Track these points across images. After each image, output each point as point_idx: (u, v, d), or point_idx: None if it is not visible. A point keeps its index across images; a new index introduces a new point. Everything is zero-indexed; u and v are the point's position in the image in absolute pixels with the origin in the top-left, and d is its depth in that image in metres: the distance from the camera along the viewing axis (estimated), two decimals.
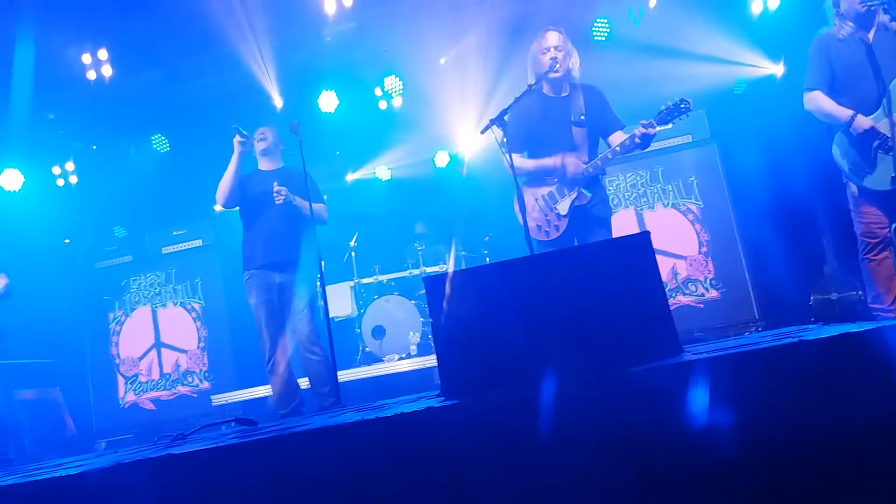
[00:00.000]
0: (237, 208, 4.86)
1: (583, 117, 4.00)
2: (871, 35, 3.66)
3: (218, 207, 5.21)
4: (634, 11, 6.29)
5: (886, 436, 1.91)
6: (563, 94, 4.08)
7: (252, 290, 4.68)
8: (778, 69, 6.39)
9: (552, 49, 3.97)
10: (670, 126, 3.89)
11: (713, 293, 6.11)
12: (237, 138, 4.67)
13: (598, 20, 6.56)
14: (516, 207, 3.87)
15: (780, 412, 1.99)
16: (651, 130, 3.76)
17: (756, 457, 1.94)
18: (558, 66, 3.96)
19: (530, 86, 3.95)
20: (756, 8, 6.14)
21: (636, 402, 2.07)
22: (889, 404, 1.94)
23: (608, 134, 4.08)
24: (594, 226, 3.98)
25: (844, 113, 3.59)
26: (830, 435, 1.93)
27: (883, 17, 3.61)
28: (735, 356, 2.11)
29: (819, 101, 3.71)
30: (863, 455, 1.91)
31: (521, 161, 4.05)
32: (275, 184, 4.62)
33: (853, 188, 3.68)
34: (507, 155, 3.77)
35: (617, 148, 3.88)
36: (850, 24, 3.67)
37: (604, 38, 6.60)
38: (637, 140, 3.80)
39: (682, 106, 3.76)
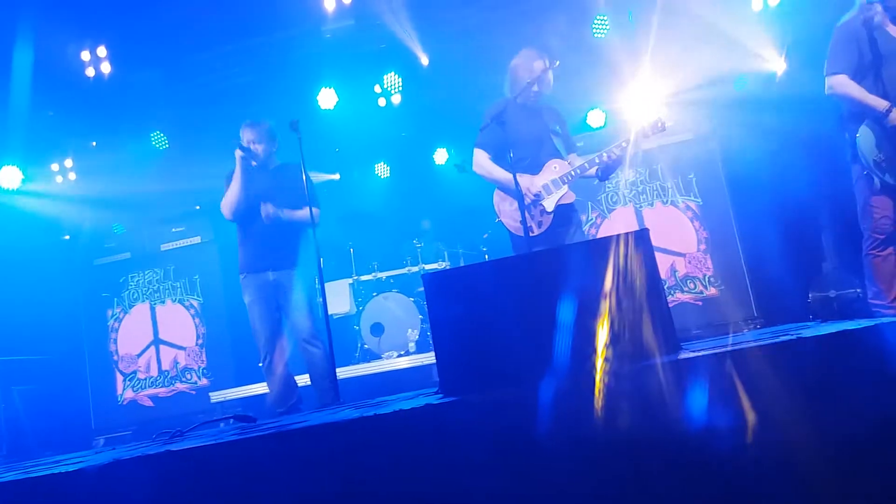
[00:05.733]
0: None
1: (558, 128, 4.34)
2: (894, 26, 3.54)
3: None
4: (633, 9, 6.30)
5: (884, 432, 1.91)
6: (537, 106, 4.37)
7: (247, 289, 4.68)
8: (779, 66, 6.38)
9: (540, 81, 4.21)
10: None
11: (712, 290, 6.11)
12: (238, 153, 4.64)
13: (598, 17, 6.55)
14: (495, 202, 4.25)
15: (779, 409, 1.99)
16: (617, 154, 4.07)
17: (754, 454, 1.95)
18: (543, 91, 4.30)
19: (508, 99, 4.27)
20: (756, 5, 6.13)
21: (634, 400, 2.08)
22: (887, 401, 1.95)
23: (567, 154, 4.36)
24: (574, 225, 4.23)
25: (879, 103, 3.42)
26: (829, 432, 1.93)
27: None
28: (733, 353, 2.11)
29: (847, 86, 3.53)
30: (861, 452, 1.91)
31: (491, 166, 4.25)
32: (261, 205, 4.59)
33: (876, 182, 3.52)
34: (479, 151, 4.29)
35: (604, 155, 4.09)
36: (881, 9, 3.51)
37: (603, 36, 6.59)
38: (610, 157, 4.08)
39: (659, 125, 4.08)
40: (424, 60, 6.78)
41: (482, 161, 4.27)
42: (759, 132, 6.28)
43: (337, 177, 7.83)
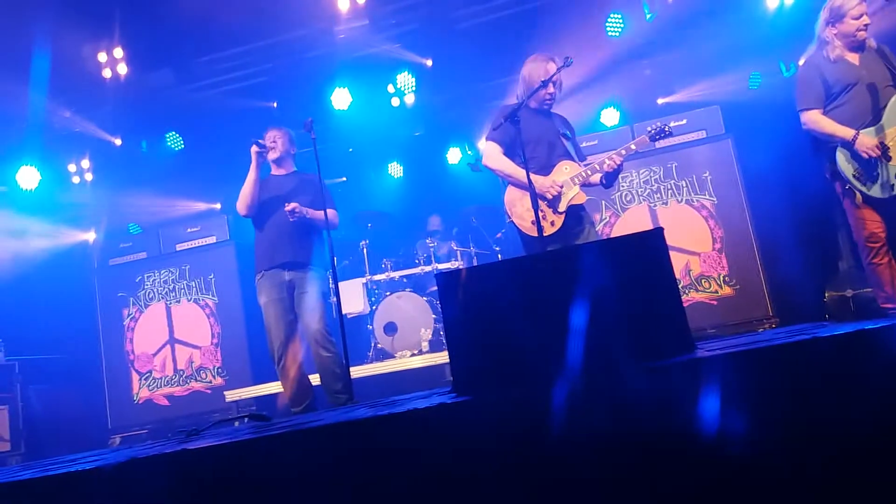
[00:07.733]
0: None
1: (568, 133, 4.36)
2: (858, 56, 3.86)
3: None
4: (650, 7, 6.26)
5: None
6: (548, 111, 4.38)
7: (262, 289, 4.70)
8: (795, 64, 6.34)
9: (551, 85, 4.22)
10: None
11: (727, 290, 6.07)
12: (254, 148, 4.67)
13: (612, 15, 6.53)
14: (507, 202, 4.24)
15: (794, 410, 1.97)
16: (618, 160, 4.08)
17: (770, 455, 1.93)
18: (556, 92, 4.34)
19: (520, 103, 4.20)
20: (772, 3, 6.09)
21: (649, 400, 2.07)
22: None
23: (578, 159, 4.37)
24: (587, 224, 4.24)
25: (847, 132, 3.75)
26: (845, 432, 1.91)
27: (871, 42, 3.87)
28: (749, 353, 2.09)
29: (819, 121, 3.88)
30: (879, 452, 1.89)
31: (504, 160, 4.24)
32: (286, 204, 4.60)
33: (858, 197, 3.81)
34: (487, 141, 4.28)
35: (606, 162, 4.10)
36: (840, 44, 3.86)
37: (617, 34, 6.57)
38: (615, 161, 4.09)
39: (665, 130, 4.17)
40: (428, 62, 6.82)
41: (495, 154, 4.22)
42: (774, 130, 6.23)
43: (344, 179, 7.86)
